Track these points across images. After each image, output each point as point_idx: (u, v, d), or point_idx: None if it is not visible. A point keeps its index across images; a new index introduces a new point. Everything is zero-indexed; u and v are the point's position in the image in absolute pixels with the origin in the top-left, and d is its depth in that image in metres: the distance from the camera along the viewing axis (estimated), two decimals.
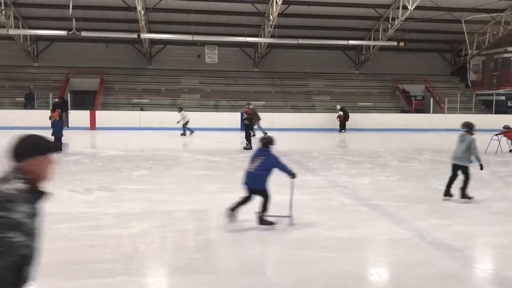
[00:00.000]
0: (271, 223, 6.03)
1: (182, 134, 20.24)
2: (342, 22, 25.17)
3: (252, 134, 18.51)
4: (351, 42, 25.85)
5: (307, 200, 7.70)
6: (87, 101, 24.66)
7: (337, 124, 23.11)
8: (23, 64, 26.33)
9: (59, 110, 21.91)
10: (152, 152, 13.93)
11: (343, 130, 22.77)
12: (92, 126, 22.31)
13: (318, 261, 4.97)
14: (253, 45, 27.29)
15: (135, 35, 23.32)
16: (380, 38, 25.50)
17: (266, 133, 18.85)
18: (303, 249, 5.33)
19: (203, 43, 27.13)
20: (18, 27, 23.76)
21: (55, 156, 2.23)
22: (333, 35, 25.90)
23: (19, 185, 2.11)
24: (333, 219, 6.66)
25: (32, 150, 2.19)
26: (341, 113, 22.96)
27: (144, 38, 24.48)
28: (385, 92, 28.43)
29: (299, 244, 5.52)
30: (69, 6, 21.53)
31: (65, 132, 20.92)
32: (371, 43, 26.34)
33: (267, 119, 23.63)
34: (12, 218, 2.02)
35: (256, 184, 6.12)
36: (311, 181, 9.41)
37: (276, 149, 15.28)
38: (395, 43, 25.20)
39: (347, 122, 22.99)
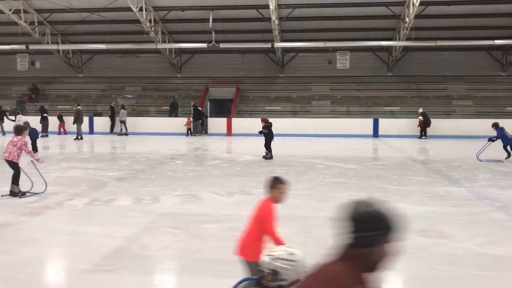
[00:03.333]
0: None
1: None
2: (487, 20, 23.20)
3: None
4: (498, 41, 23.67)
5: (452, 212, 7.21)
6: (224, 109, 26.12)
7: (481, 131, 21.33)
8: (168, 75, 28.79)
9: (191, 119, 23.64)
10: (285, 158, 14.24)
11: (424, 137, 21.48)
12: (229, 132, 23.53)
13: (468, 279, 4.62)
14: (387, 49, 26.46)
15: (269, 45, 24.11)
16: None
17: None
18: (450, 266, 4.99)
19: (334, 49, 27.03)
20: (165, 42, 26.04)
21: None
22: (476, 35, 24.00)
23: None
24: (483, 234, 6.13)
25: None
26: (421, 118, 21.65)
27: (278, 47, 25.18)
28: None
29: (445, 259, 5.18)
30: (209, 19, 23.07)
31: (203, 138, 22.46)
32: None
33: (402, 125, 22.81)
34: None
35: None
36: (455, 193, 8.81)
37: (413, 157, 14.63)
38: None
39: (428, 128, 22.07)
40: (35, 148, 14.77)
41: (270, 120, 14.98)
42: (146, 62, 28.61)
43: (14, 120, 22.41)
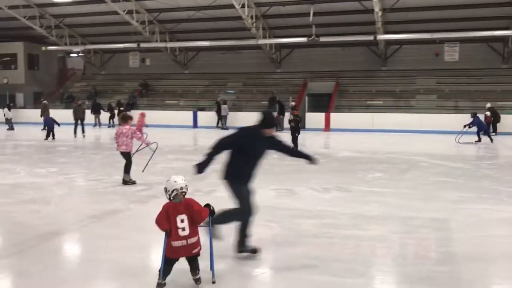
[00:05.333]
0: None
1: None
2: None
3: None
4: None
5: None
6: (322, 103, 25.85)
7: None
8: (267, 70, 29.13)
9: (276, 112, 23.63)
10: (386, 155, 13.75)
11: (493, 133, 19.42)
12: (326, 127, 23.28)
13: None
14: (502, 39, 24.37)
15: (371, 37, 23.39)
16: None
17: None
18: None
19: (442, 41, 25.49)
20: (265, 37, 26.38)
21: None
22: None
23: None
24: None
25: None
26: (488, 113, 19.90)
27: (380, 40, 24.34)
28: None
29: None
30: (309, 14, 22.93)
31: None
32: None
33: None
34: None
35: None
36: None
37: (508, 156, 13.32)
38: None
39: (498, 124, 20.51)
40: (52, 136, 17.90)
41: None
42: (247, 58, 29.22)
43: (107, 111, 24.47)
